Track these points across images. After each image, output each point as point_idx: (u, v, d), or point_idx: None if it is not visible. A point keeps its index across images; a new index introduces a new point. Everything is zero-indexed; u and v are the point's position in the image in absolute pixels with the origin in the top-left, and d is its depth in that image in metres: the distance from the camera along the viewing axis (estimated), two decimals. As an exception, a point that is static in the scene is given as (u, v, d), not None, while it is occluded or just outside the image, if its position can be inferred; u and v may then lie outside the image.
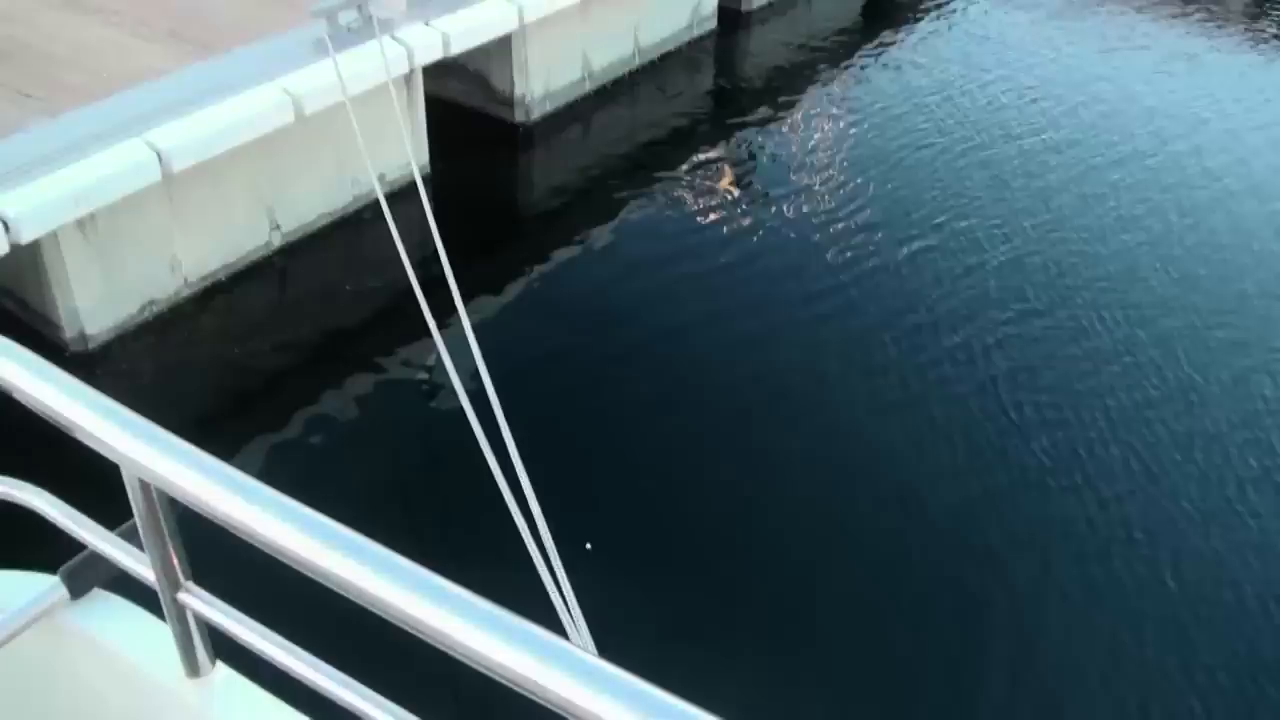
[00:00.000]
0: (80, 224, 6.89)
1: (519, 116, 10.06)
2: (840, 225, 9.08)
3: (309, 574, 1.63)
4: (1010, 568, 6.33)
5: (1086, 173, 9.93)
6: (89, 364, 7.14)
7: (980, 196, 9.53)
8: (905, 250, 8.82)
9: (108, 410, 1.86)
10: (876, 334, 7.95)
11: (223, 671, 2.37)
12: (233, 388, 7.38)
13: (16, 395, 1.93)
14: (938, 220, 9.18)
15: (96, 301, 7.21)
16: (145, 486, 1.97)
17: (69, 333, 7.17)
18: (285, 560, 1.66)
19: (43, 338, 7.20)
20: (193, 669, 2.33)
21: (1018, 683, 5.78)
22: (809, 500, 6.66)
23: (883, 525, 6.55)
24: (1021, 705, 5.70)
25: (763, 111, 10.86)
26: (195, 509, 1.75)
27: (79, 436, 1.86)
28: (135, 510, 2.02)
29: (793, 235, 9.00)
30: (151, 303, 7.53)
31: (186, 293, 7.71)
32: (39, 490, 2.40)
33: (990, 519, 6.59)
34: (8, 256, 6.36)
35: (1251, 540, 6.52)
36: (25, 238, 6.39)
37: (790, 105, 11.00)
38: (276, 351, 7.61)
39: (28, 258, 6.74)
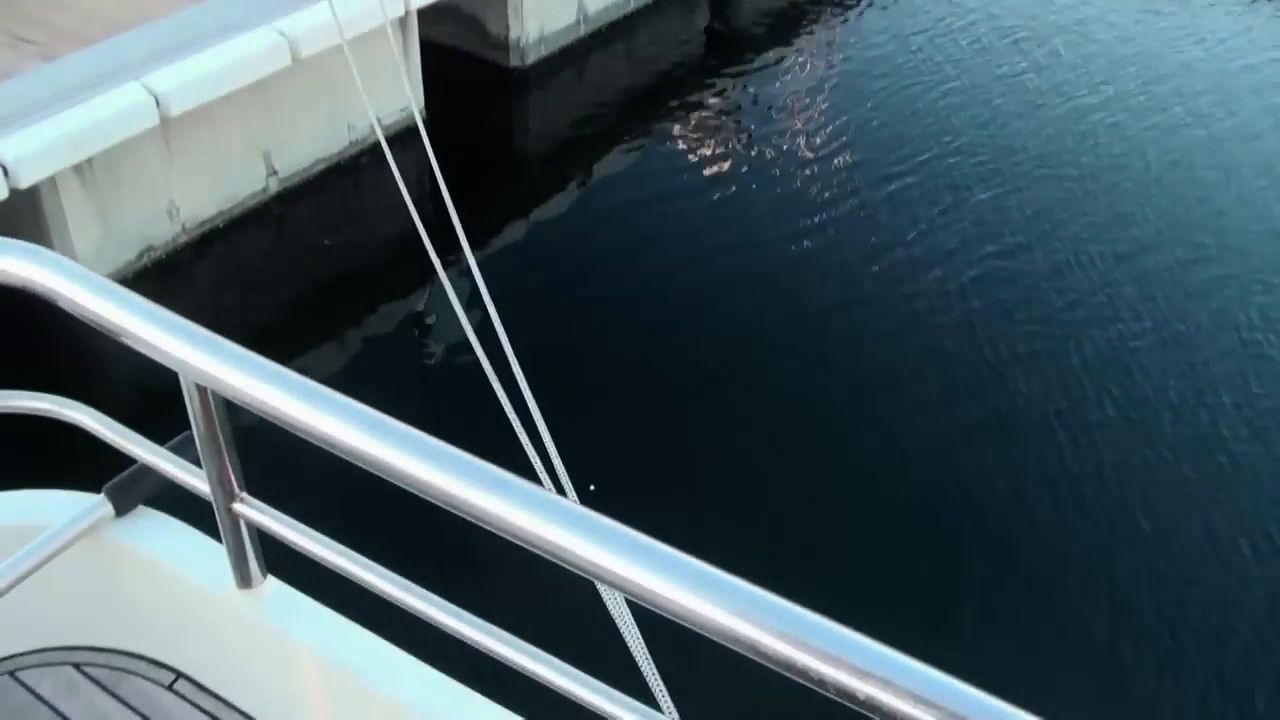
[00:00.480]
0: (78, 169, 6.84)
1: (514, 61, 9.99)
2: (829, 165, 9.15)
3: (372, 470, 1.63)
4: (979, 491, 6.49)
5: (1070, 113, 9.95)
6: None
7: (963, 135, 9.57)
8: (890, 187, 8.90)
9: (164, 318, 1.84)
10: (859, 267, 8.07)
11: (273, 583, 2.38)
12: (232, 335, 7.32)
13: (68, 306, 1.91)
14: (921, 158, 9.24)
15: (95, 247, 7.16)
16: (203, 392, 1.96)
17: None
18: (346, 457, 1.66)
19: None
20: (245, 580, 2.35)
21: (991, 596, 6.00)
22: (792, 415, 6.92)
23: (858, 442, 6.78)
24: (995, 618, 5.89)
25: (757, 55, 10.81)
26: (253, 410, 1.75)
27: (135, 345, 1.84)
28: (192, 417, 2.01)
29: (784, 174, 9.04)
30: (150, 249, 7.48)
31: (184, 239, 7.66)
32: (85, 407, 2.39)
33: (962, 446, 6.75)
34: (6, 202, 6.31)
35: (1223, 469, 6.64)
36: (24, 182, 6.34)
37: (786, 47, 10.95)
38: (276, 297, 7.58)
39: (26, 203, 6.69)
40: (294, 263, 7.91)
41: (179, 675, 2.62)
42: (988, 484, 6.52)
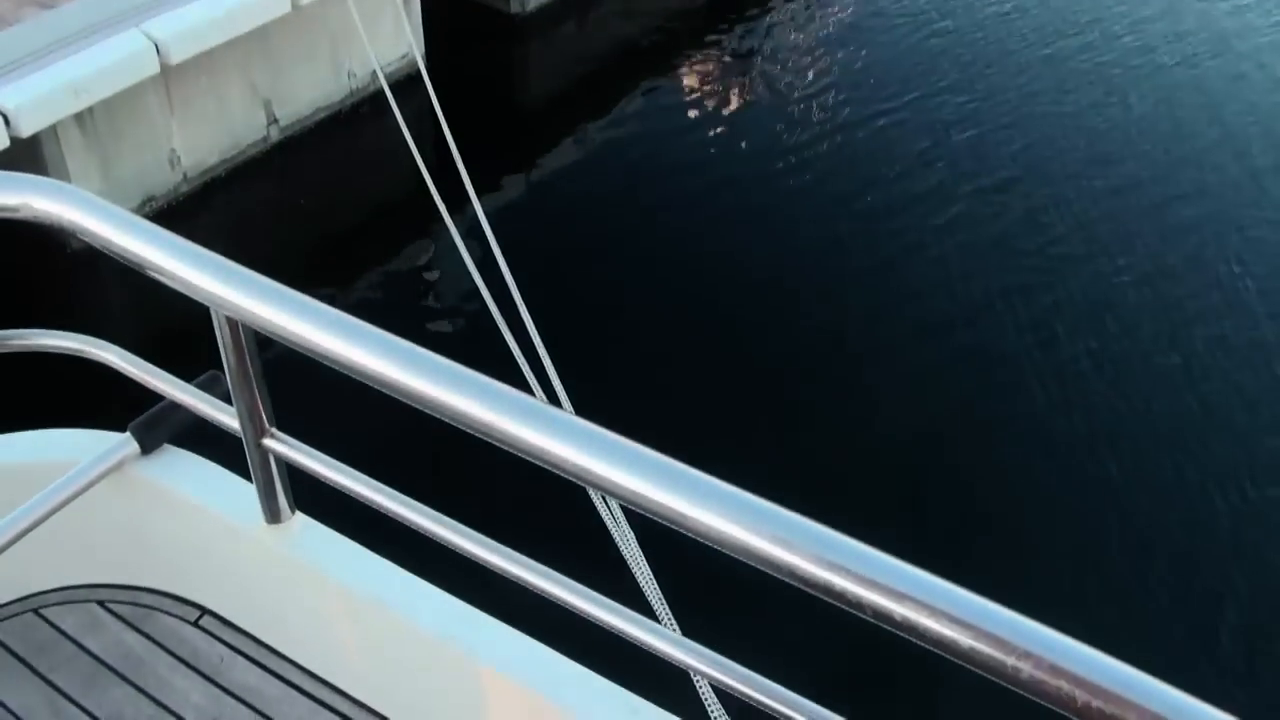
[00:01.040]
0: (79, 118, 6.80)
1: (514, 8, 9.90)
2: (827, 107, 9.18)
3: (405, 399, 1.64)
4: (953, 387, 6.78)
5: (1056, 54, 9.98)
6: (90, 261, 7.08)
7: (951, 76, 9.62)
8: (882, 122, 9.01)
9: (194, 253, 1.84)
10: (851, 200, 8.24)
11: (301, 518, 2.39)
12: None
13: (97, 242, 1.91)
14: (910, 97, 9.32)
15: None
16: (234, 325, 1.96)
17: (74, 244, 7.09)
18: (379, 387, 1.66)
19: (45, 234, 7.13)
20: (273, 515, 2.35)
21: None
22: (791, 332, 7.17)
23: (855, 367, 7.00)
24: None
25: (757, 4, 10.72)
26: (285, 342, 1.75)
27: (165, 280, 1.85)
28: (223, 352, 2.02)
29: (782, 118, 9.10)
30: (151, 198, 7.46)
31: (186, 188, 7.63)
32: (112, 345, 2.39)
33: (939, 343, 7.08)
34: (7, 151, 6.28)
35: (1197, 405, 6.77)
36: (25, 131, 6.31)
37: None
38: (279, 246, 7.55)
39: (27, 153, 6.64)
40: (296, 212, 7.89)
41: (204, 611, 2.63)
42: (966, 410, 6.74)
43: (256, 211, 7.78)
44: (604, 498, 4.80)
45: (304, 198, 7.98)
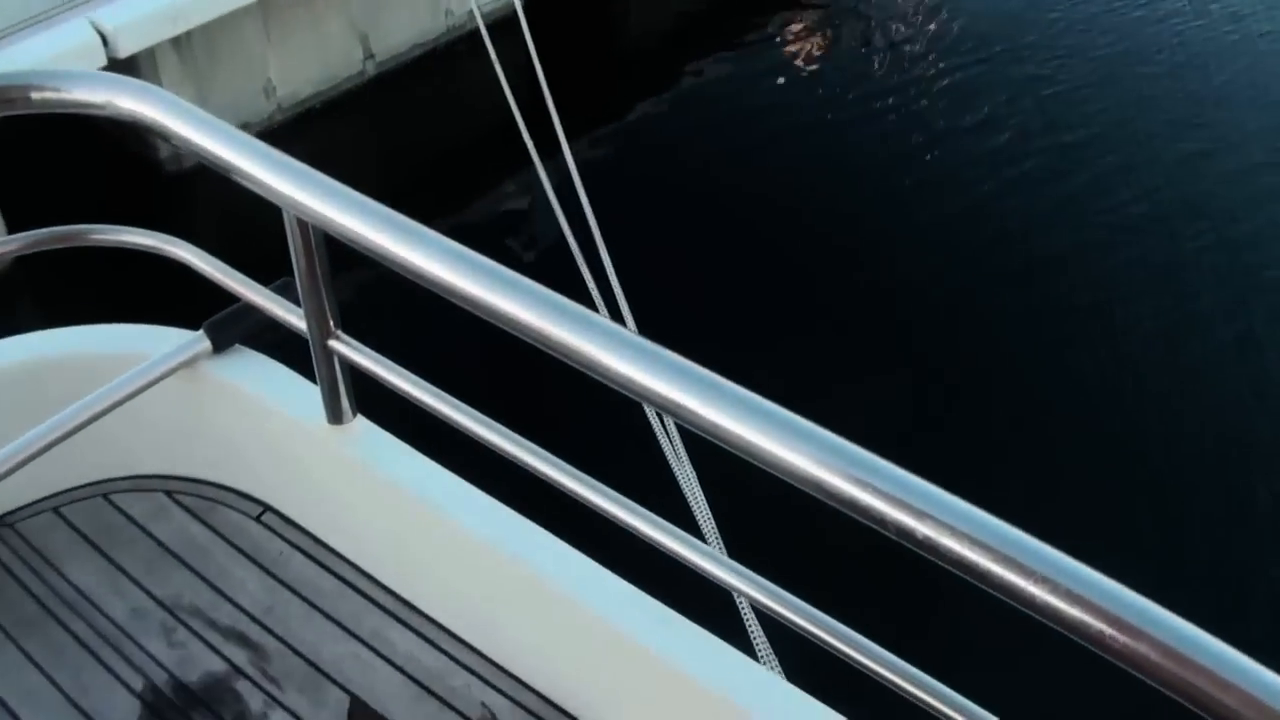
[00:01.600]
0: (176, 43, 6.88)
1: (613, -47, 9.87)
2: (912, 59, 9.22)
3: (469, 307, 1.66)
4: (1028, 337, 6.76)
5: (1146, 16, 9.84)
6: (181, 184, 7.20)
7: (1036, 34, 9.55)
8: (962, 76, 9.02)
9: (269, 154, 1.88)
10: (929, 148, 8.27)
11: (362, 421, 2.44)
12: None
13: (178, 141, 1.96)
14: (994, 50, 9.32)
15: (191, 122, 7.21)
16: (304, 227, 2.00)
17: (163, 152, 7.21)
18: (442, 294, 1.69)
19: (136, 157, 7.25)
20: (335, 416, 2.40)
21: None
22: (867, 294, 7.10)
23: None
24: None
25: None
26: (352, 244, 1.78)
27: (240, 180, 1.89)
28: (293, 253, 2.06)
29: (882, 69, 9.13)
30: (245, 126, 7.48)
31: (280, 118, 7.72)
32: (190, 245, 2.44)
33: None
34: (104, 70, 6.37)
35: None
36: (122, 52, 6.41)
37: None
38: (369, 180, 7.57)
39: (123, 74, 6.75)
40: (387, 147, 7.95)
41: (266, 508, 2.68)
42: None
43: (347, 145, 7.84)
44: (659, 415, 4.86)
45: (394, 134, 8.04)
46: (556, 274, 6.09)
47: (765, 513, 4.00)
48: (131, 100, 2.00)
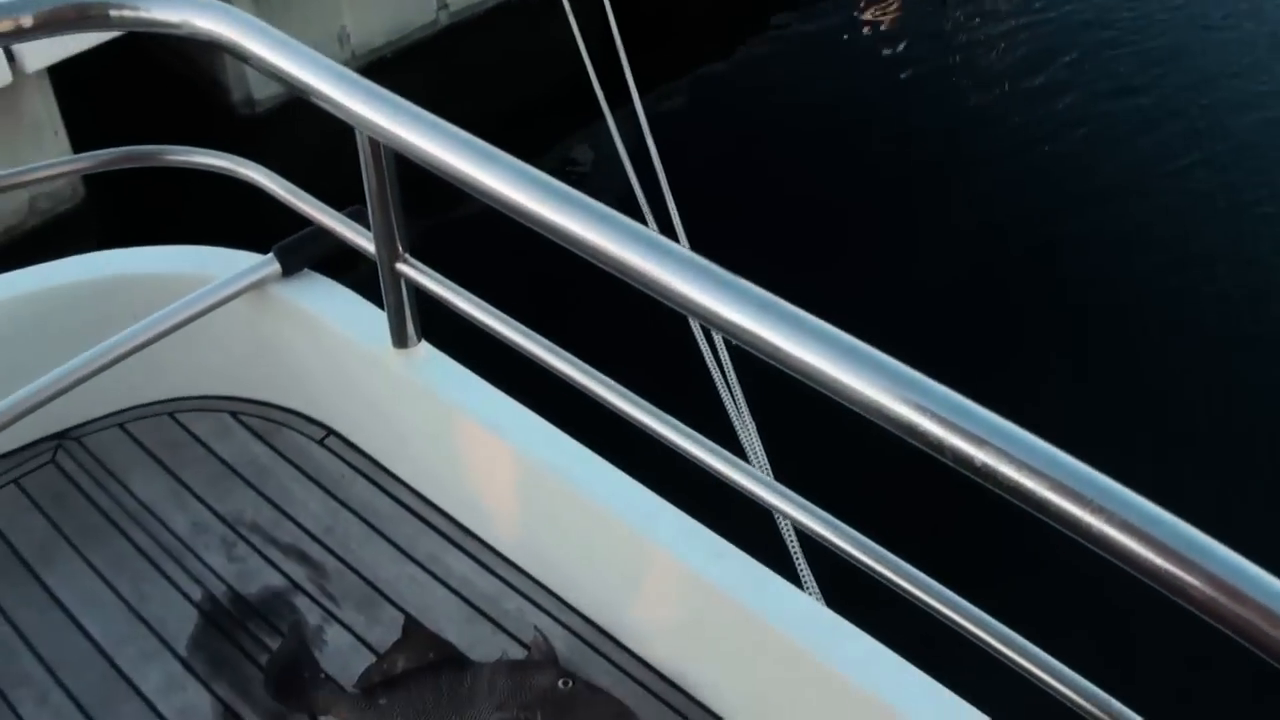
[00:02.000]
0: (253, -14, 6.94)
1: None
2: (985, 17, 9.29)
3: (537, 229, 1.66)
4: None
5: None
6: (254, 127, 7.26)
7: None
8: (1034, 38, 9.10)
9: (343, 74, 1.89)
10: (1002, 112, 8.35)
11: (427, 346, 2.46)
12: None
13: (253, 60, 1.98)
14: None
15: (265, 67, 7.26)
16: (376, 147, 2.02)
17: (236, 95, 7.28)
18: (513, 215, 1.69)
19: (210, 100, 7.32)
20: (401, 340, 2.42)
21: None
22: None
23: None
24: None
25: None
26: (423, 164, 1.79)
27: (314, 99, 1.90)
28: (365, 174, 2.08)
29: (959, 32, 9.16)
30: (319, 73, 7.58)
31: (353, 66, 7.70)
32: (262, 167, 2.47)
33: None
34: (183, 14, 6.43)
35: None
36: (201, -6, 6.45)
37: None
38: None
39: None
40: (459, 98, 7.95)
41: (330, 432, 2.72)
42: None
43: (419, 95, 7.81)
44: (708, 333, 4.92)
45: (465, 84, 8.06)
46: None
47: (816, 441, 4.02)
48: (208, 20, 2.01)
